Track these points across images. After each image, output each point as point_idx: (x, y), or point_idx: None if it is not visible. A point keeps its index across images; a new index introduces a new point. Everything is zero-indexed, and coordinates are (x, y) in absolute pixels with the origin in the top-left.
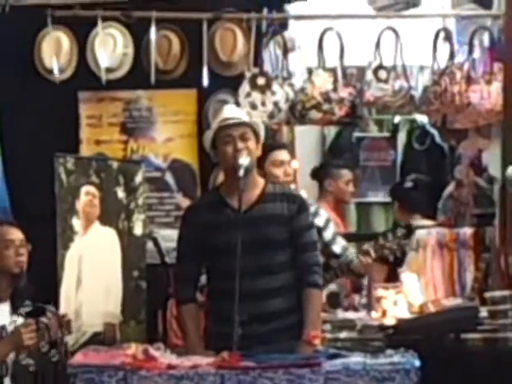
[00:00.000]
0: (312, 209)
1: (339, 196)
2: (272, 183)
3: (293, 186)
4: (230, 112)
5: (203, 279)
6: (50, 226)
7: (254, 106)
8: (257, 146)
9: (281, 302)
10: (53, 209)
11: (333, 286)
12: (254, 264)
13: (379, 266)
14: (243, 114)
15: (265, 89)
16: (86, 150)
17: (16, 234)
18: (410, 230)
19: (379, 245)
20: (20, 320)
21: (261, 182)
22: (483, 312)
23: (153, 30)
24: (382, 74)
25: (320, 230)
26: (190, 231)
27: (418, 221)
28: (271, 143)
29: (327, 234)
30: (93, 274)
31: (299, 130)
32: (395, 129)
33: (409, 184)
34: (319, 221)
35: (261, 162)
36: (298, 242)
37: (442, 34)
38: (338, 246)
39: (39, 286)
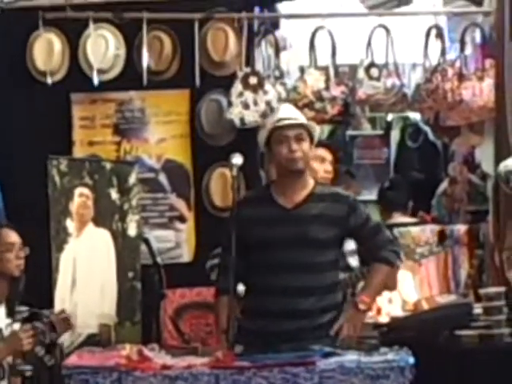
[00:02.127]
0: None
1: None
2: (321, 184)
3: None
4: (287, 112)
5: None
6: (43, 228)
7: (246, 106)
8: (310, 147)
9: (314, 301)
10: (46, 211)
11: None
12: (295, 261)
13: None
14: (299, 115)
15: (257, 88)
16: (79, 152)
17: (15, 237)
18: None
19: None
20: (17, 325)
21: (311, 182)
22: (477, 308)
23: (144, 30)
24: (374, 72)
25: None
26: (235, 224)
27: (397, 219)
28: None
29: (347, 247)
30: (87, 275)
31: None
32: (388, 126)
33: (386, 184)
34: None
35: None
36: (365, 231)
37: (433, 32)
38: (355, 260)
39: (34, 288)
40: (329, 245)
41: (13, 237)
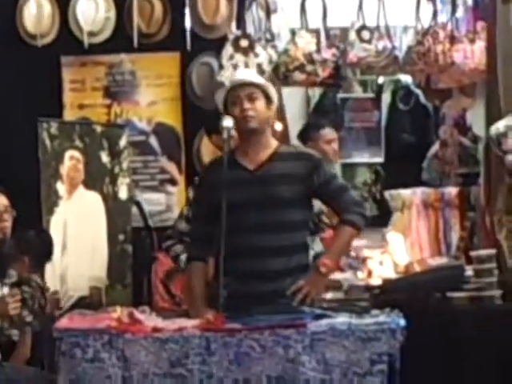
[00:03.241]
0: None
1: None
2: (286, 144)
3: None
4: (241, 74)
5: None
6: (34, 190)
7: (237, 68)
8: (268, 106)
9: (288, 261)
10: (37, 174)
11: (319, 247)
12: (263, 222)
13: None
14: (254, 76)
15: (248, 51)
16: (69, 115)
17: (2, 200)
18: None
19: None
20: (5, 290)
21: (274, 142)
22: (469, 271)
23: None
24: (365, 35)
25: None
26: (203, 191)
27: None
28: (323, 121)
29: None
30: (78, 238)
31: (284, 91)
32: (379, 89)
33: None
34: None
35: (312, 138)
36: (329, 190)
37: None
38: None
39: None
40: (295, 204)
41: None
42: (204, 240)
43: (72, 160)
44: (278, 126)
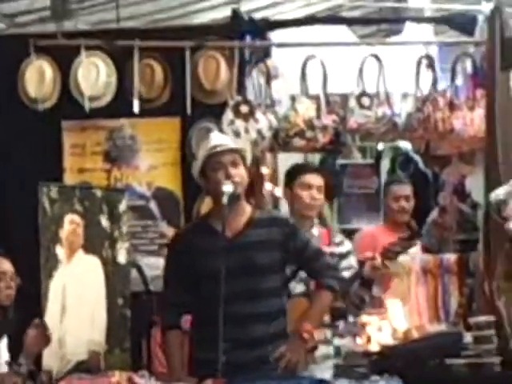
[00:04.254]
0: (337, 239)
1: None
2: (260, 209)
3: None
4: (218, 139)
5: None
6: (33, 255)
7: (237, 134)
8: (245, 172)
9: (267, 327)
10: (36, 238)
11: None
12: (241, 289)
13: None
14: (230, 141)
15: (248, 116)
16: (69, 179)
17: (7, 266)
18: None
19: (384, 248)
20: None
21: (248, 208)
22: (467, 337)
23: (136, 58)
24: (365, 101)
25: (340, 258)
26: (176, 258)
27: None
28: (303, 165)
29: (344, 263)
30: (77, 302)
31: (283, 156)
32: (379, 156)
33: None
34: (342, 249)
35: (289, 183)
36: (305, 255)
37: (424, 61)
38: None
39: (24, 316)
40: (273, 270)
41: (5, 265)
42: (178, 308)
43: (72, 224)
44: (279, 192)
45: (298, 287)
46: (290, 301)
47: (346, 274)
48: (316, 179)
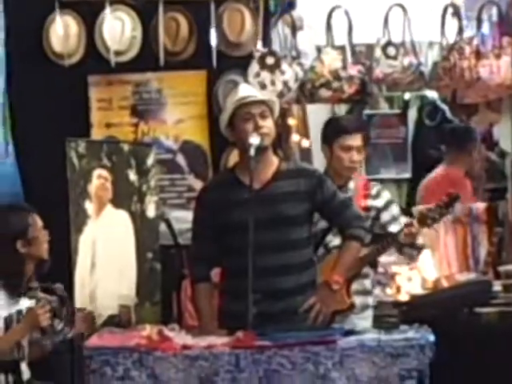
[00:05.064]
0: (373, 191)
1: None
2: (287, 161)
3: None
4: (247, 90)
5: None
6: (62, 210)
7: (263, 86)
8: (273, 124)
9: (295, 279)
10: (65, 193)
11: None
12: (269, 241)
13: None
14: (259, 93)
15: (274, 68)
16: (96, 134)
17: (41, 221)
18: None
19: (422, 214)
20: (28, 302)
21: (275, 160)
22: (497, 286)
23: (161, 11)
24: (391, 51)
25: (379, 211)
26: (205, 211)
27: None
28: (344, 126)
29: (385, 216)
30: (107, 256)
31: (310, 108)
32: (406, 105)
33: None
34: (379, 202)
35: (328, 141)
36: (331, 207)
37: (450, 10)
38: (397, 226)
39: (55, 271)
40: (301, 221)
41: (40, 221)
42: (208, 261)
43: (100, 179)
44: (306, 143)
45: (335, 240)
46: (325, 254)
47: (394, 228)
48: (356, 140)
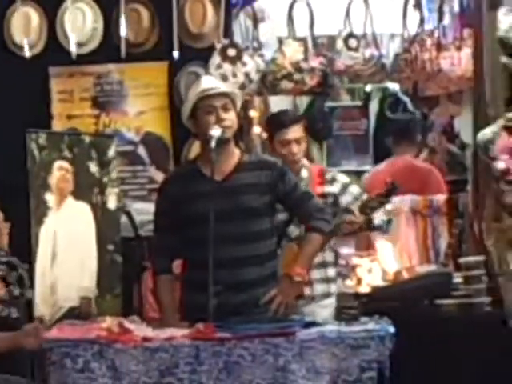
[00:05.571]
0: (328, 176)
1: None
2: (249, 153)
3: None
4: (209, 82)
5: None
6: (23, 201)
7: (224, 78)
8: (236, 116)
9: (257, 270)
10: (26, 185)
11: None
12: (231, 233)
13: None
14: (222, 85)
15: (235, 60)
16: (57, 125)
17: (1, 213)
18: None
19: (362, 203)
20: None
21: (237, 152)
22: (457, 278)
23: (122, 2)
24: (353, 43)
25: (336, 197)
26: (166, 202)
27: None
28: (279, 119)
29: (345, 199)
30: (68, 248)
31: (272, 100)
32: (367, 97)
33: None
34: (335, 187)
35: (270, 139)
36: (293, 198)
37: (411, 2)
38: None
39: None
40: (263, 213)
41: (1, 212)
42: (170, 252)
43: (61, 170)
44: (263, 135)
45: (295, 231)
46: (283, 245)
47: (355, 207)
48: (292, 132)
